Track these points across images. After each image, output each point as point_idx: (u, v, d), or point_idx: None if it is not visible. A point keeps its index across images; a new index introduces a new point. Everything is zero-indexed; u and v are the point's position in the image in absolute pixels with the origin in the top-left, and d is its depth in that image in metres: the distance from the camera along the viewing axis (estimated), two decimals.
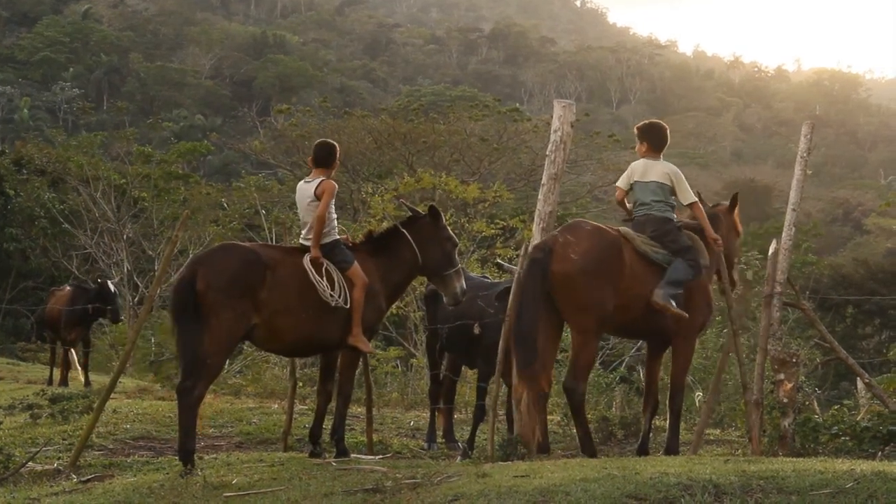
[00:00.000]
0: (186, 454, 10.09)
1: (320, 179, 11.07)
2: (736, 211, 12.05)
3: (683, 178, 11.34)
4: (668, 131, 11.76)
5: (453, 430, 14.05)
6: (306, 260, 10.76)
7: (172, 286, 10.56)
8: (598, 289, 10.53)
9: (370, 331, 11.26)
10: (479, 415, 13.33)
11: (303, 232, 11.25)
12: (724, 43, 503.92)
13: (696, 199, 11.34)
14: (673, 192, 11.31)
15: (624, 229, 11.04)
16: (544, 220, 11.10)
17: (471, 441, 13.10)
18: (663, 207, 11.25)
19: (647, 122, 11.97)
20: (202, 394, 10.40)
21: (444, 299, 12.13)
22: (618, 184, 11.80)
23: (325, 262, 10.80)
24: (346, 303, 10.74)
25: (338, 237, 11.17)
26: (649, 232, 11.01)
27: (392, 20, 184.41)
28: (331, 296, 10.64)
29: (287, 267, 10.67)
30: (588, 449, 10.80)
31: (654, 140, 11.62)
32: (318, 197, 10.95)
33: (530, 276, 10.62)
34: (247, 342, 12.02)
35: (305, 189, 11.20)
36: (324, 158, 11.28)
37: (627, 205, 11.62)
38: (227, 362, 15.70)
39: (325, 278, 10.69)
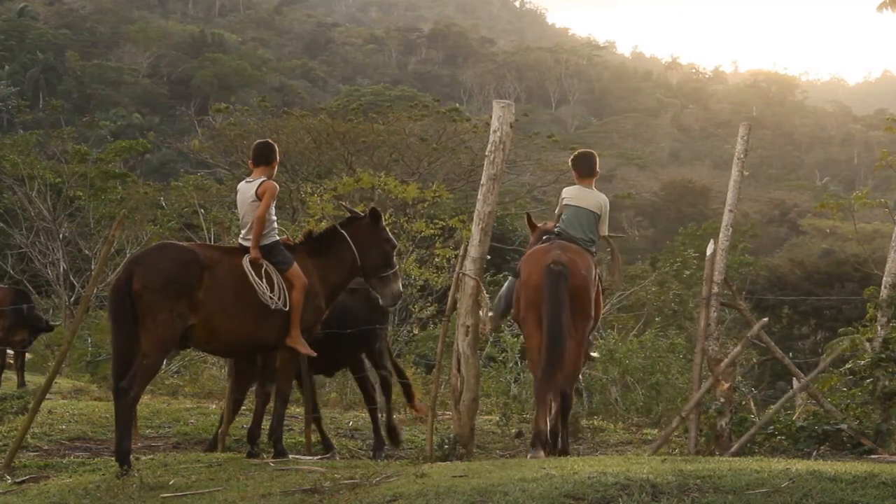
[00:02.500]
0: (123, 455, 10.04)
1: (261, 180, 11.02)
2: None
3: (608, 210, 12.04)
4: (596, 159, 12.27)
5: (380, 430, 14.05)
6: (245, 261, 10.72)
7: (110, 286, 10.45)
8: (593, 301, 11.35)
9: (309, 331, 11.24)
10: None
11: (242, 232, 11.17)
12: (662, 44, 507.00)
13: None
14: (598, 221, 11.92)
15: None
16: (484, 220, 11.15)
17: (377, 435, 13.15)
18: (588, 244, 11.85)
19: (577, 151, 12.59)
20: (139, 394, 10.37)
21: (381, 300, 12.18)
22: (556, 212, 12.26)
23: (265, 264, 10.77)
24: (285, 305, 10.72)
25: (277, 238, 11.12)
26: None
27: (331, 19, 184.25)
28: (270, 298, 10.61)
29: (225, 267, 10.61)
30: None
31: (582, 168, 12.17)
32: (258, 197, 10.89)
33: (556, 286, 10.86)
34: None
35: (246, 189, 11.14)
36: (263, 158, 11.22)
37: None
38: (165, 362, 15.61)
39: (264, 280, 10.66)
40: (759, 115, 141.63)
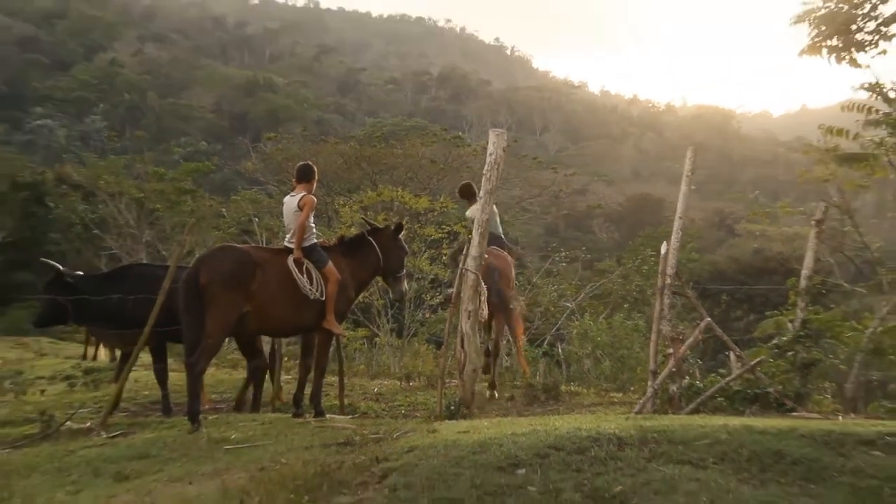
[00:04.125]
0: (193, 415, 10.15)
1: (302, 194, 11.16)
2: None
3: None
4: (474, 188, 14.66)
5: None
6: (290, 260, 10.83)
7: (181, 280, 10.54)
8: (512, 280, 14.43)
9: (341, 316, 11.33)
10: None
11: (287, 236, 11.29)
12: (624, 84, 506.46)
13: None
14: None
15: None
16: (482, 225, 11.16)
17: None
18: (499, 237, 15.02)
19: (463, 183, 15.39)
20: (205, 367, 10.44)
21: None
22: (466, 224, 14.95)
23: (306, 262, 10.87)
24: (322, 295, 10.81)
25: (316, 241, 11.19)
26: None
27: (359, 66, 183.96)
28: (310, 290, 10.69)
29: (274, 265, 10.73)
30: None
31: (468, 195, 14.97)
32: (300, 208, 11.04)
33: (493, 278, 13.17)
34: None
35: (290, 202, 11.27)
36: (305, 176, 11.37)
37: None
38: (227, 341, 15.62)
39: (305, 275, 10.76)
40: (703, 141, 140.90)
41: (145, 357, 14.34)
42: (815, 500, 6.20)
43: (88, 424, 11.25)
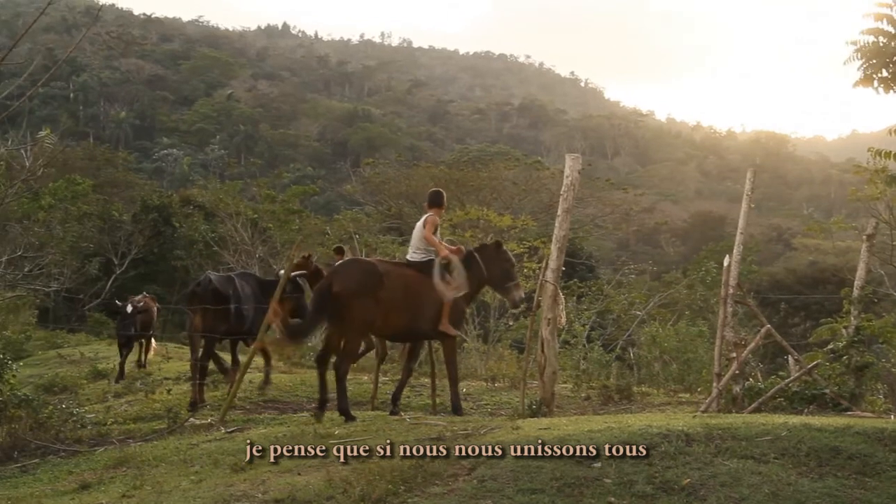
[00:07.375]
0: (344, 412, 10.51)
1: (427, 215, 11.40)
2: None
3: None
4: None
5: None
6: (437, 261, 11.13)
7: (315, 290, 10.88)
8: None
9: (456, 324, 11.37)
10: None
11: (410, 251, 11.56)
12: (689, 111, 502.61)
13: None
14: None
15: None
16: (560, 241, 11.11)
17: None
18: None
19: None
20: (347, 368, 10.88)
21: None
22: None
23: (454, 260, 11.17)
24: (459, 292, 11.06)
25: (433, 257, 11.31)
26: None
27: (447, 97, 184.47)
28: (450, 289, 10.97)
29: (397, 276, 10.87)
30: None
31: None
32: (424, 226, 11.29)
33: None
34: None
35: (418, 224, 11.48)
36: (433, 201, 11.63)
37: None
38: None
39: (451, 276, 11.04)
40: (761, 163, 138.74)
41: (259, 361, 14.46)
42: (869, 492, 6.11)
43: (209, 421, 11.39)
